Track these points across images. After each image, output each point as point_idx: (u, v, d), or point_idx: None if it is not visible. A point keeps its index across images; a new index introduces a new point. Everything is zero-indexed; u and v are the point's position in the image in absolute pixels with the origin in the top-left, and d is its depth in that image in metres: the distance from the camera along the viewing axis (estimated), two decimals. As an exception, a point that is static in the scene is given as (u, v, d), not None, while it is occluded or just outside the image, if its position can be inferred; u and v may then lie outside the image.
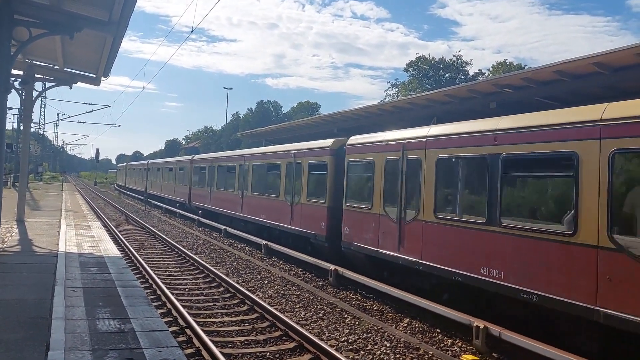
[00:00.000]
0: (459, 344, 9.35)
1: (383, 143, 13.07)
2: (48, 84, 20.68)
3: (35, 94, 20.07)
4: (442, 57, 72.69)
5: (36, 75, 19.22)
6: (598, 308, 7.35)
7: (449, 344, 9.43)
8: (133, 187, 59.59)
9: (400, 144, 12.24)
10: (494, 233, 9.22)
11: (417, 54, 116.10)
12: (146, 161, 56.82)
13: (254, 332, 9.72)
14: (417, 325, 10.46)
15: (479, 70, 70.61)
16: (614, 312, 7.13)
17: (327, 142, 16.54)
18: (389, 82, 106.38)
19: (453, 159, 10.60)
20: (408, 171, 11.91)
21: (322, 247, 16.23)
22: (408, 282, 12.13)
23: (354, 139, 14.78)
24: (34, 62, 18.95)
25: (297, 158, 18.16)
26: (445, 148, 10.78)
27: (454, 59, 72.38)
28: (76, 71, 19.78)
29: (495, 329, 8.66)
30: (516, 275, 8.72)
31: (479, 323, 8.91)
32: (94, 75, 19.66)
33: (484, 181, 9.63)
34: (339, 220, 14.84)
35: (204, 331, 9.18)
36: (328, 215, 15.76)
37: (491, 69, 66.05)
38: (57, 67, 19.17)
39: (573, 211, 7.87)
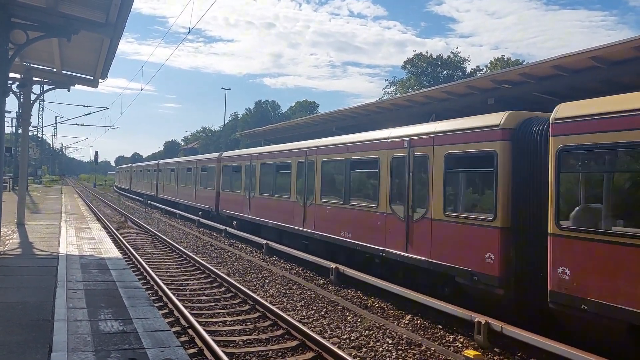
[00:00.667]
0: (461, 340, 9.37)
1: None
2: (46, 87, 20.67)
3: (33, 96, 20.05)
4: (440, 54, 72.80)
5: (34, 78, 19.20)
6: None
7: (451, 339, 9.44)
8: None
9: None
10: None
11: (414, 51, 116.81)
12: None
13: (256, 331, 9.73)
14: (418, 321, 10.48)
15: (476, 66, 70.66)
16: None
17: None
18: (387, 80, 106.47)
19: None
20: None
21: None
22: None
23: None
24: (32, 64, 18.95)
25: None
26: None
27: (452, 55, 72.48)
28: (74, 73, 19.77)
29: (496, 324, 8.67)
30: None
31: (481, 318, 8.92)
32: (92, 78, 19.65)
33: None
34: None
35: (206, 331, 9.20)
36: None
37: (489, 65, 66.09)
38: (55, 70, 19.16)
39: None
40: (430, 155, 10.87)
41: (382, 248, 12.44)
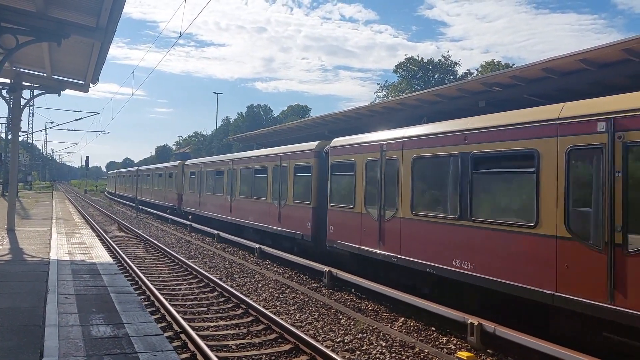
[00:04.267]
0: (454, 342, 9.39)
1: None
2: (36, 92, 20.48)
3: (23, 101, 19.92)
4: (431, 58, 73.06)
5: (24, 83, 19.07)
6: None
7: (444, 341, 9.46)
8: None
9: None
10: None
11: (406, 55, 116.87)
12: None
13: (249, 335, 9.69)
14: (412, 324, 10.49)
15: (467, 70, 71.02)
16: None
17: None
18: (379, 84, 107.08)
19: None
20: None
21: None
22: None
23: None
24: (22, 69, 18.84)
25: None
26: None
27: (443, 59, 72.76)
28: (64, 78, 19.69)
29: (489, 326, 8.70)
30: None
31: (474, 320, 8.95)
32: (82, 82, 19.56)
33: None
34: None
35: (199, 335, 9.14)
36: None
37: (480, 69, 66.48)
38: (45, 75, 19.07)
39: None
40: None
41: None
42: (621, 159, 7.21)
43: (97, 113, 42.69)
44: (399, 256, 11.59)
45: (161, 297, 11.79)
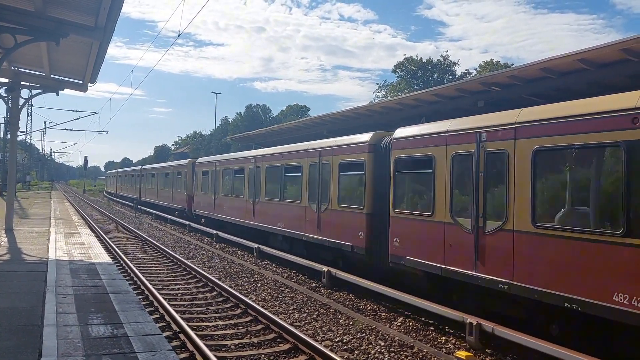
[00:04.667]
0: (453, 341, 9.39)
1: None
2: (34, 91, 20.46)
3: (21, 101, 19.90)
4: (430, 58, 73.08)
5: (22, 83, 19.04)
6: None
7: (443, 341, 9.47)
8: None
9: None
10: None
11: (404, 55, 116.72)
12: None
13: (248, 335, 9.69)
14: (410, 323, 10.49)
15: (466, 70, 70.97)
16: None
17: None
18: (378, 84, 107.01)
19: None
20: None
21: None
22: None
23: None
24: (20, 69, 18.80)
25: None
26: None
27: (442, 59, 72.74)
28: (63, 78, 19.64)
29: (488, 325, 8.70)
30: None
31: (472, 320, 8.95)
32: (81, 82, 19.53)
33: None
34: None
35: (198, 335, 9.14)
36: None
37: (478, 69, 66.45)
38: (44, 74, 19.03)
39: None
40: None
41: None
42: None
43: (96, 113, 42.61)
44: (513, 282, 8.72)
45: (160, 297, 11.78)
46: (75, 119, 44.57)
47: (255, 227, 20.74)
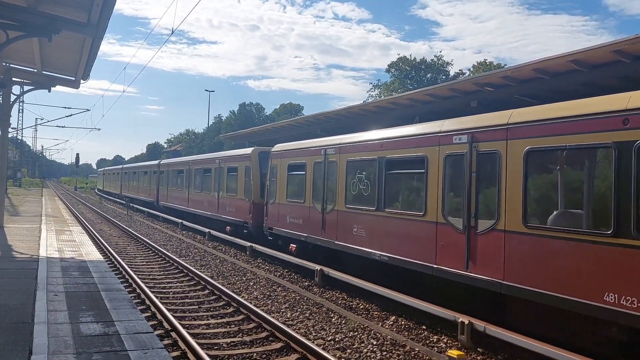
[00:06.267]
0: (445, 340, 9.42)
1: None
2: (26, 87, 20.33)
3: (12, 97, 19.77)
4: (424, 58, 73.30)
5: (14, 79, 18.90)
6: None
7: (435, 340, 9.49)
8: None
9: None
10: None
11: (398, 54, 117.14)
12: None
13: (241, 334, 9.67)
14: (403, 322, 10.51)
15: (459, 70, 71.22)
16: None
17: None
18: (371, 83, 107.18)
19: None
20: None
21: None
22: None
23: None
24: (12, 65, 18.65)
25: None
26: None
27: (435, 59, 73.00)
28: (55, 74, 19.51)
29: (479, 324, 8.73)
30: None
31: (464, 319, 8.98)
32: (73, 78, 19.41)
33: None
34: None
35: (190, 333, 9.10)
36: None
37: (472, 69, 66.68)
38: (35, 70, 18.89)
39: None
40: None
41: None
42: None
43: (88, 110, 42.39)
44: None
45: (152, 295, 11.73)
46: (67, 116, 44.14)
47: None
